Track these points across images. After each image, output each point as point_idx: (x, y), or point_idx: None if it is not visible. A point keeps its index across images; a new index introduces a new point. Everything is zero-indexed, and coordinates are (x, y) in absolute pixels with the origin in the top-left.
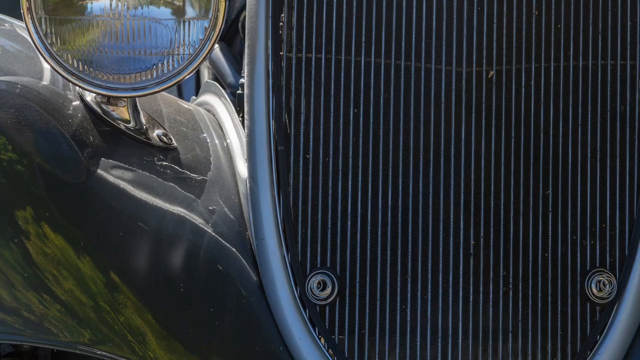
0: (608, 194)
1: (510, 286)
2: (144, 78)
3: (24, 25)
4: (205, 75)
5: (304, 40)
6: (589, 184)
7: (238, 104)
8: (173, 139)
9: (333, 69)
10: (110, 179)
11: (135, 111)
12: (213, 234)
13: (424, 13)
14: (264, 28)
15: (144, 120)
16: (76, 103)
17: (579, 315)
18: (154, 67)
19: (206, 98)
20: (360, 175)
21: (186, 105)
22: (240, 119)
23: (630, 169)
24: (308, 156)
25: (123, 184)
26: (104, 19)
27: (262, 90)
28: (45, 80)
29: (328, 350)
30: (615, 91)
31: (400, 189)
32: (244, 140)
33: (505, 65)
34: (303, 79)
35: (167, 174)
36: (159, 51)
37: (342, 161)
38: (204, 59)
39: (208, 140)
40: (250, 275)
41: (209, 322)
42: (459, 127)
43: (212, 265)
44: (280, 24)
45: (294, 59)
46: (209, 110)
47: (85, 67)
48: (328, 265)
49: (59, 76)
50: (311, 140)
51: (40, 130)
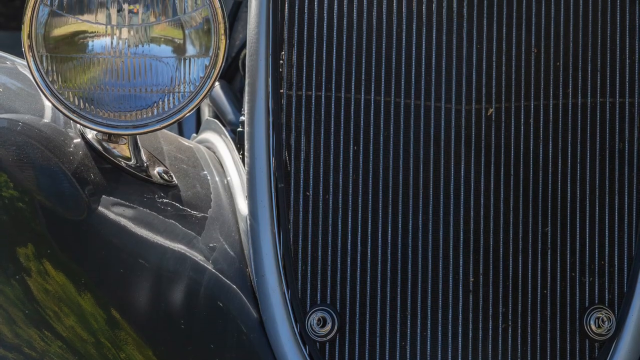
0: (607, 231)
1: (510, 323)
2: (144, 116)
3: (25, 63)
4: (206, 112)
5: (304, 78)
6: (587, 221)
7: (238, 141)
8: (174, 177)
9: (333, 106)
10: (111, 216)
11: (136, 149)
12: (213, 270)
13: (424, 51)
14: (264, 66)
15: (144, 157)
16: (77, 140)
17: (578, 351)
18: (155, 105)
19: (207, 135)
20: (360, 212)
21: (187, 143)
22: (241, 156)
23: (629, 206)
24: (308, 193)
25: (124, 221)
26: (105, 57)
27: (263, 128)
28: (47, 118)
29: None
30: (614, 129)
31: (400, 225)
32: (245, 177)
33: (504, 102)
34: (303, 116)
35: (168, 211)
36: (159, 89)
37: (342, 198)
38: (204, 97)
39: (209, 177)
40: (250, 312)
41: (209, 359)
42: (458, 165)
43: (213, 302)
44: (281, 61)
45: (294, 96)
46: (209, 148)
47: (87, 105)
48: (328, 302)
49: (60, 114)
50: (311, 177)
51: (42, 168)
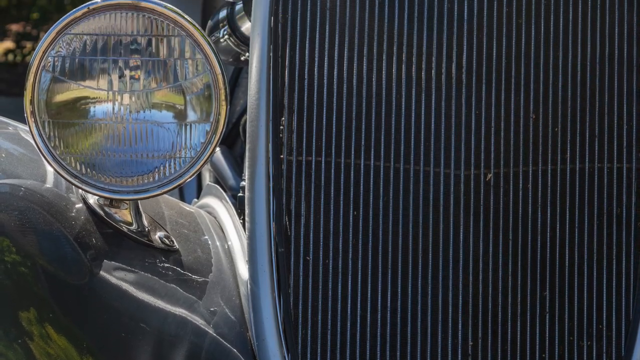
0: (605, 295)
1: None
2: (146, 181)
3: (28, 128)
4: (207, 177)
5: (304, 144)
6: (585, 286)
7: (239, 206)
8: (175, 241)
9: (333, 171)
10: (113, 280)
11: (137, 213)
12: (214, 335)
13: (423, 116)
14: (265, 131)
15: (146, 222)
16: (79, 205)
17: None
18: (156, 170)
19: (208, 200)
20: (360, 276)
21: (188, 208)
22: (241, 221)
23: (627, 270)
24: (308, 258)
25: (125, 286)
26: (107, 123)
27: (263, 193)
28: (49, 183)
29: None
30: (611, 194)
31: (399, 290)
32: (245, 242)
33: (503, 168)
34: (303, 181)
35: (169, 275)
36: (161, 154)
37: (342, 263)
38: (205, 162)
39: (209, 242)
40: None
41: None
42: (457, 229)
43: None
44: (281, 127)
45: (294, 162)
46: (210, 213)
47: (88, 170)
48: None
49: (62, 179)
50: (311, 242)
51: (44, 233)
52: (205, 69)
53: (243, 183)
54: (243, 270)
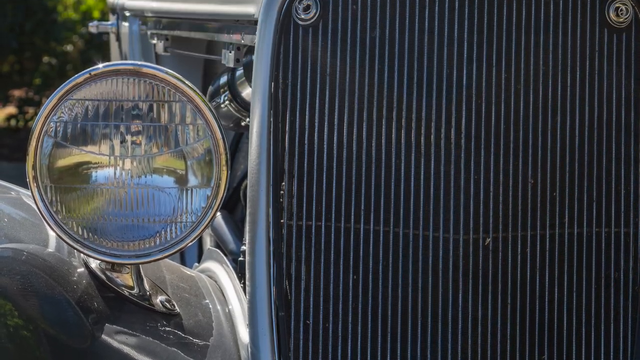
0: (602, 358)
1: None
2: (147, 245)
3: (30, 193)
4: (208, 242)
5: (305, 209)
6: (583, 349)
7: (240, 270)
8: (176, 305)
9: (333, 236)
10: (115, 344)
11: (139, 278)
12: None
13: (422, 181)
14: (265, 196)
15: (147, 286)
16: (81, 270)
17: None
18: (157, 235)
19: (208, 265)
20: (359, 340)
21: (189, 272)
22: (242, 285)
23: (624, 333)
24: (308, 322)
25: (127, 349)
26: (108, 187)
27: (263, 257)
28: (51, 248)
29: None
30: (609, 258)
31: (398, 354)
32: (245, 306)
33: (501, 232)
34: (303, 246)
35: (170, 339)
36: (162, 219)
37: (342, 326)
38: (206, 227)
39: (210, 306)
40: None
41: None
42: (456, 293)
43: None
44: (281, 192)
45: (294, 226)
46: (211, 277)
47: (90, 235)
48: None
49: (64, 243)
50: (311, 306)
51: (46, 297)
52: (206, 134)
53: (244, 247)
54: (244, 334)
